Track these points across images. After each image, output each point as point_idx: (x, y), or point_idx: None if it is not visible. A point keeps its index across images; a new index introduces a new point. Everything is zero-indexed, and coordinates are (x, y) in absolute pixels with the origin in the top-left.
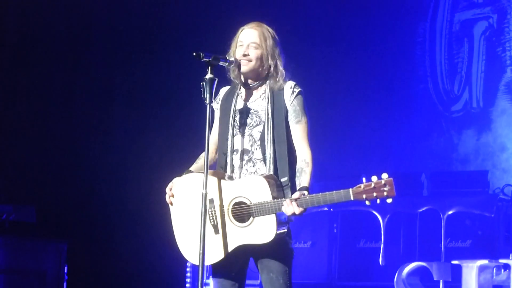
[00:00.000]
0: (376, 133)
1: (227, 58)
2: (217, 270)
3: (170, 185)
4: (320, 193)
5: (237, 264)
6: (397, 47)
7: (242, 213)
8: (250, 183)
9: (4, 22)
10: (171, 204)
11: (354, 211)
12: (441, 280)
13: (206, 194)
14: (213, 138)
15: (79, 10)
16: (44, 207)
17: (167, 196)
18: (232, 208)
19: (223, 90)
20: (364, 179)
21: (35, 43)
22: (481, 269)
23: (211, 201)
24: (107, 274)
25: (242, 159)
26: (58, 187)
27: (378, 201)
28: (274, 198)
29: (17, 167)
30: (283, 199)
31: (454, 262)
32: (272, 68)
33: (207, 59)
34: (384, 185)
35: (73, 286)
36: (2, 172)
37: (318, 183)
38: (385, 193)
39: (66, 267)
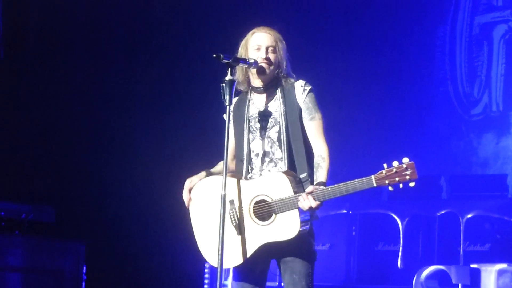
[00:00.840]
0: (395, 136)
1: (247, 59)
2: (238, 272)
3: (188, 183)
4: (342, 183)
5: (258, 266)
6: (417, 50)
7: (264, 211)
8: (270, 180)
9: (25, 25)
10: (189, 205)
11: (373, 214)
12: (459, 284)
13: (225, 195)
14: (230, 148)
15: (99, 13)
16: (63, 207)
17: (185, 195)
18: (253, 207)
19: (234, 100)
20: (385, 165)
21: (55, 46)
22: (500, 273)
23: (231, 202)
24: (125, 274)
25: (263, 161)
26: (77, 188)
27: (401, 185)
28: (295, 193)
29: (37, 167)
30: (300, 194)
31: (473, 265)
32: (283, 71)
33: (227, 61)
34: (406, 168)
35: (91, 286)
36: (22, 172)
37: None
38: (407, 177)
39: (84, 267)
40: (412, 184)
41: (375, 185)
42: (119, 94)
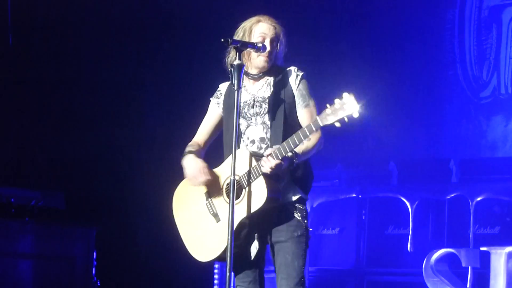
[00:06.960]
0: (405, 120)
1: (255, 44)
2: (235, 263)
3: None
4: (294, 133)
5: (250, 249)
6: (426, 34)
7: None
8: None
9: (34, 12)
10: (173, 211)
11: (382, 198)
12: (469, 267)
13: (234, 180)
14: (204, 131)
15: (109, 4)
16: (73, 193)
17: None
18: (225, 189)
19: (224, 86)
20: (327, 105)
21: (64, 33)
22: (510, 255)
23: (206, 193)
24: (135, 260)
25: (260, 148)
26: (87, 173)
27: (346, 119)
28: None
29: (46, 153)
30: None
31: (483, 248)
32: (278, 60)
33: (235, 45)
34: (346, 101)
35: (102, 271)
36: (31, 159)
37: (347, 170)
38: (349, 108)
39: (95, 253)
40: (356, 115)
41: (321, 124)
42: (129, 81)
